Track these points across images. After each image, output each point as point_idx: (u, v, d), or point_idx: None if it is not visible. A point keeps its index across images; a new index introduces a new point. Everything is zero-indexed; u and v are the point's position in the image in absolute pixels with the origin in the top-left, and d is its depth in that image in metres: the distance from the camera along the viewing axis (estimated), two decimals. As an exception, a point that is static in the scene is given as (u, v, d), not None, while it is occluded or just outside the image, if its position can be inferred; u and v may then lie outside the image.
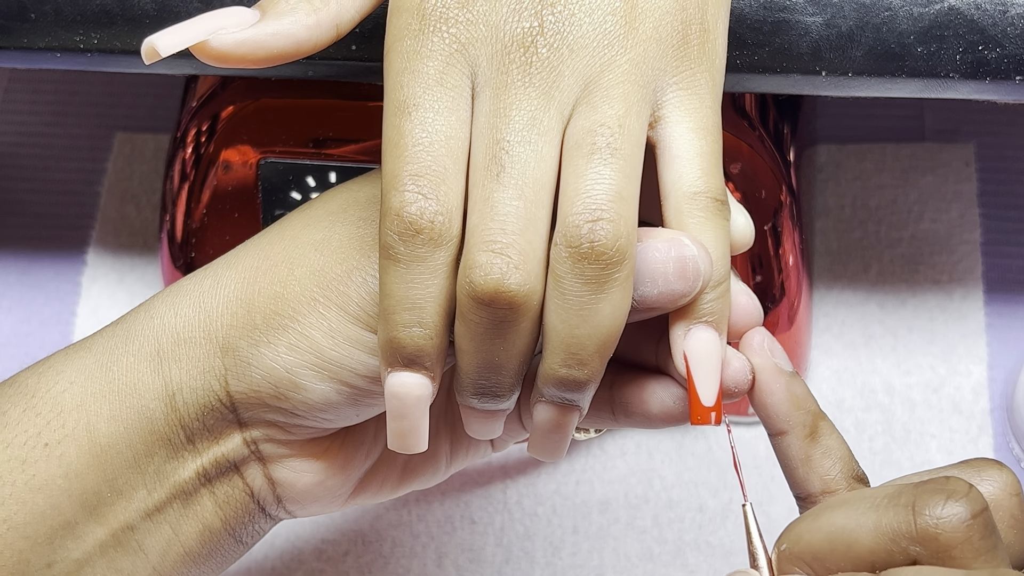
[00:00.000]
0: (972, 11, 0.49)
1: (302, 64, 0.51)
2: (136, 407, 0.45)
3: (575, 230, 0.39)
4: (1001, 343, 0.67)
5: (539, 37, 0.41)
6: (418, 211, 0.40)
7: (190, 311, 0.46)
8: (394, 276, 0.41)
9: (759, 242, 0.59)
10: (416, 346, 0.41)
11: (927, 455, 0.65)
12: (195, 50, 0.42)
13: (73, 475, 0.45)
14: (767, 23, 0.49)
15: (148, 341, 0.46)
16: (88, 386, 0.45)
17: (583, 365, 0.41)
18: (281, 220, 0.47)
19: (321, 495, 0.48)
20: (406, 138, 0.40)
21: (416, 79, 0.41)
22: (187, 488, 0.46)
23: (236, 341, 0.45)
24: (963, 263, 0.69)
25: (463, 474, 0.66)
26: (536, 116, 0.40)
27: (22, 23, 0.52)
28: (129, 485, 0.46)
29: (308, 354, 0.44)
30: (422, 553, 0.64)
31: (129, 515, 0.46)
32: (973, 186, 0.71)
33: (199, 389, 0.45)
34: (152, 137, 0.75)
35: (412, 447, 0.43)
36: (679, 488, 0.65)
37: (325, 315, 0.44)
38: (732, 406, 0.65)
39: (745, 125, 0.58)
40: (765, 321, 0.61)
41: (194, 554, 0.47)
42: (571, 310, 0.40)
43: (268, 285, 0.45)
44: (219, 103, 0.59)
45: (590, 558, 0.64)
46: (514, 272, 0.40)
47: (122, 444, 0.45)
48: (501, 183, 0.40)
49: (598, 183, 0.40)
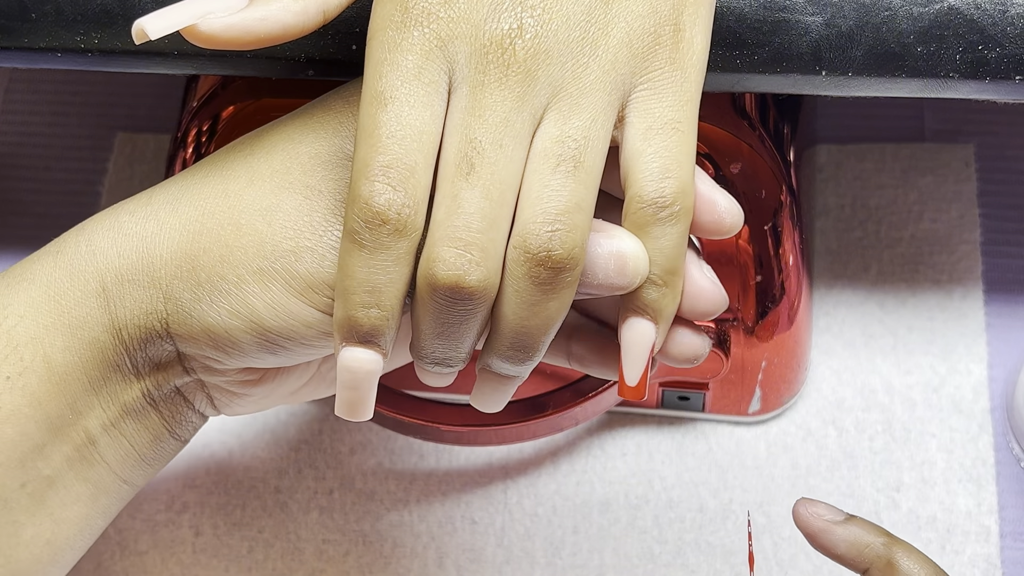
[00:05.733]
0: (972, 11, 0.49)
1: (302, 64, 0.51)
2: (87, 339, 0.48)
3: (534, 238, 0.42)
4: (1001, 342, 0.67)
5: (517, 40, 0.42)
6: (386, 202, 0.42)
7: (134, 255, 0.48)
8: (357, 260, 0.43)
9: (759, 242, 0.59)
10: (372, 325, 0.43)
11: (927, 455, 0.65)
12: (184, 32, 0.43)
13: (37, 403, 0.48)
14: (767, 23, 0.49)
15: (93, 278, 0.48)
16: (39, 319, 0.48)
17: (527, 348, 0.44)
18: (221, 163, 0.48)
19: (254, 406, 0.52)
20: (380, 129, 0.42)
21: (394, 71, 0.42)
22: (136, 407, 0.50)
23: (179, 292, 0.47)
24: (963, 263, 0.69)
25: (464, 475, 0.66)
26: (509, 118, 0.42)
27: (23, 23, 0.52)
28: (87, 406, 0.49)
29: (248, 321, 0.46)
30: (423, 553, 0.64)
31: (89, 431, 0.49)
32: (973, 186, 0.71)
33: (142, 326, 0.48)
34: (153, 137, 0.75)
35: (359, 415, 0.45)
36: (679, 488, 0.65)
37: (270, 287, 0.46)
38: (733, 406, 0.65)
39: (745, 125, 0.58)
40: (766, 321, 0.61)
41: (146, 456, 0.51)
42: (522, 305, 0.43)
43: (213, 245, 0.46)
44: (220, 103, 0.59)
45: (590, 558, 0.64)
46: (475, 268, 0.42)
47: (79, 371, 0.48)
48: (470, 183, 0.42)
49: (559, 194, 0.42)
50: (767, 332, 0.61)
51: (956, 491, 0.64)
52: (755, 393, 0.64)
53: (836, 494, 0.64)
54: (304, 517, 0.65)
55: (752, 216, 0.59)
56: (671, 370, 0.63)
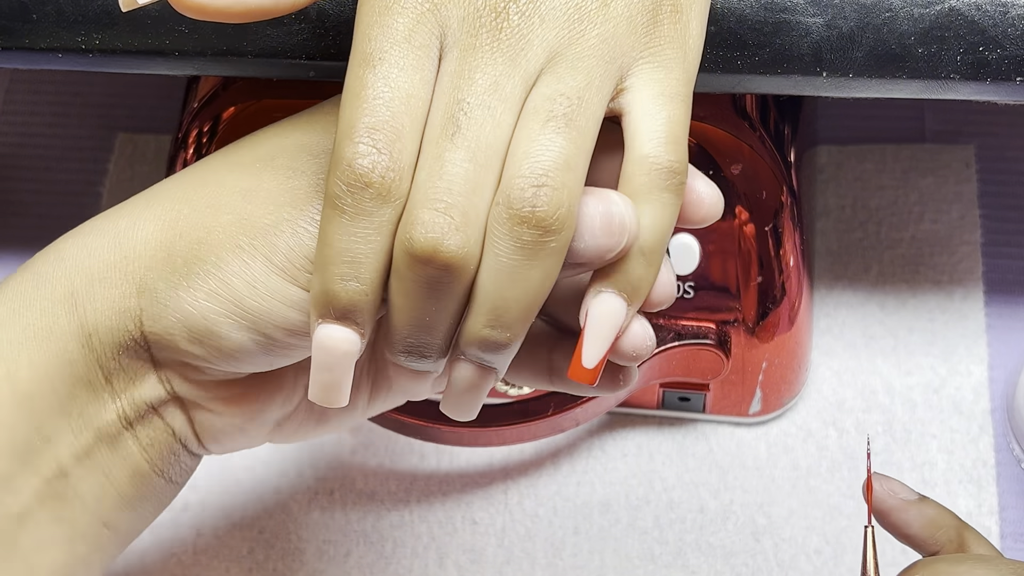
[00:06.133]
0: (972, 12, 0.49)
1: (303, 65, 0.51)
2: (54, 350, 0.45)
3: (519, 192, 0.40)
4: (1001, 343, 0.67)
5: (511, 4, 0.41)
6: (370, 164, 0.40)
7: (105, 250, 0.45)
8: (337, 227, 0.41)
9: (760, 243, 0.59)
10: (351, 300, 0.41)
11: (928, 455, 0.65)
12: (175, 2, 0.41)
13: (1, 426, 0.44)
14: (768, 24, 0.49)
15: (60, 283, 0.45)
16: (2, 335, 0.45)
17: (506, 327, 0.41)
18: (202, 162, 0.47)
19: (239, 437, 0.49)
20: (367, 90, 0.40)
21: (385, 33, 0.41)
22: (111, 431, 0.46)
23: (154, 283, 0.44)
24: (963, 264, 0.69)
25: (464, 475, 0.66)
26: (499, 81, 0.40)
27: (24, 24, 0.52)
28: (56, 430, 0.45)
29: (227, 302, 0.44)
30: (423, 554, 0.64)
31: (60, 461, 0.45)
32: (973, 187, 0.71)
33: (114, 329, 0.45)
34: (154, 138, 0.75)
35: (334, 401, 0.43)
36: (680, 489, 0.65)
37: (249, 264, 0.44)
38: (733, 407, 0.65)
39: (746, 126, 0.58)
40: (766, 322, 0.61)
41: (128, 497, 0.47)
42: (502, 271, 0.40)
43: (191, 229, 0.44)
44: (221, 104, 0.59)
45: (591, 559, 0.64)
46: (454, 234, 0.40)
47: (45, 388, 0.45)
48: (454, 143, 0.40)
49: (548, 149, 0.40)
50: (768, 333, 0.62)
51: (957, 492, 0.64)
52: (756, 394, 0.64)
53: (836, 495, 0.64)
54: (305, 517, 0.65)
55: (753, 217, 0.59)
56: (672, 371, 0.63)
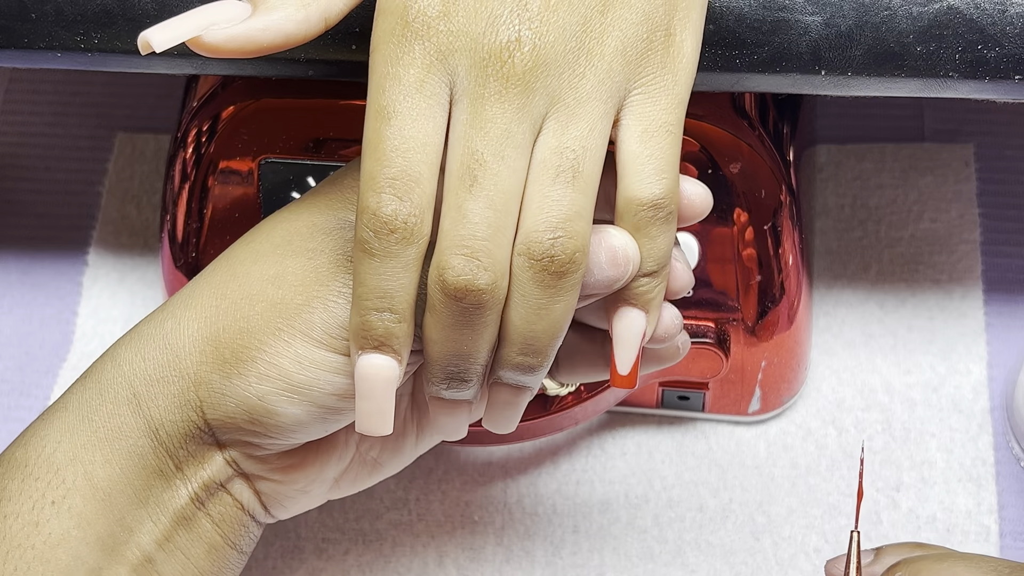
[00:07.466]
0: (971, 10, 0.49)
1: (302, 64, 0.51)
2: (126, 447, 0.48)
3: (538, 245, 0.44)
4: (1001, 342, 0.67)
5: (516, 52, 0.43)
6: (392, 212, 0.43)
7: (158, 353, 0.49)
8: (368, 268, 0.44)
9: (759, 242, 0.59)
10: (386, 329, 0.45)
11: (927, 454, 0.65)
12: (190, 43, 0.44)
13: (85, 523, 0.48)
14: (766, 22, 0.49)
15: (122, 388, 0.49)
16: (75, 440, 0.48)
17: (537, 353, 0.46)
18: (224, 255, 0.50)
19: (302, 499, 0.52)
20: (385, 143, 0.43)
21: (396, 85, 0.44)
22: (186, 513, 0.49)
23: (208, 376, 0.48)
24: (963, 263, 0.69)
25: (464, 474, 0.66)
26: (510, 130, 0.44)
27: (23, 23, 0.52)
28: (137, 520, 0.49)
29: (278, 381, 0.47)
30: (423, 552, 0.64)
31: (144, 549, 0.49)
32: (972, 186, 0.71)
33: (178, 421, 0.48)
34: (153, 137, 0.75)
35: (378, 429, 0.46)
36: (679, 488, 0.65)
37: (290, 343, 0.47)
38: (732, 406, 0.65)
39: (745, 125, 0.58)
40: (766, 321, 0.61)
41: (206, 573, 0.51)
42: (530, 309, 0.45)
43: (232, 322, 0.48)
44: (220, 103, 0.59)
45: (590, 558, 0.64)
46: (483, 273, 0.44)
47: (122, 483, 0.48)
48: (473, 194, 0.43)
49: (560, 203, 0.44)
50: (767, 332, 0.62)
51: (956, 491, 0.64)
52: (755, 393, 0.64)
53: (836, 494, 0.64)
54: (303, 516, 0.65)
55: (752, 216, 0.59)
56: (671, 370, 0.63)
